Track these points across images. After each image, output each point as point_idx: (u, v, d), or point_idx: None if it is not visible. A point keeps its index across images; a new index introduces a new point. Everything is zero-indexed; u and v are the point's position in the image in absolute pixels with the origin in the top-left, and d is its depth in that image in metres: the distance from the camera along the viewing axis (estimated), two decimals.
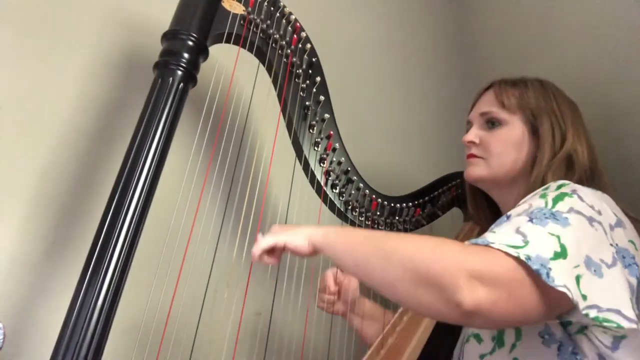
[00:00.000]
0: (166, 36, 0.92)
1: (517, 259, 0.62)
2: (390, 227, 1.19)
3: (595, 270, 0.65)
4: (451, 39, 1.79)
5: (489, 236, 0.66)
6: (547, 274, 0.60)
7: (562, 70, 1.30)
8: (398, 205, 1.19)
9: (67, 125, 1.05)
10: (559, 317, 0.67)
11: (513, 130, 0.93)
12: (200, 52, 0.93)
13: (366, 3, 1.64)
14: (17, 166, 0.99)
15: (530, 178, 0.88)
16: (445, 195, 1.26)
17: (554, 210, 0.69)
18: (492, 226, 0.73)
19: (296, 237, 0.80)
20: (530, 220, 0.67)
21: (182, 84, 0.89)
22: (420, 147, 1.54)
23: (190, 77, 0.91)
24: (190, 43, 0.91)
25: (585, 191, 0.74)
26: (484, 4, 1.66)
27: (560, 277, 0.61)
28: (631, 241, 0.74)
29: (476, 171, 0.96)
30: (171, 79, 0.88)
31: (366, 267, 0.71)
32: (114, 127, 1.09)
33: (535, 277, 0.61)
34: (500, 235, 0.66)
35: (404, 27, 1.71)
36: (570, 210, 0.69)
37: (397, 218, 1.19)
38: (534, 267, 0.61)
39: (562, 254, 0.63)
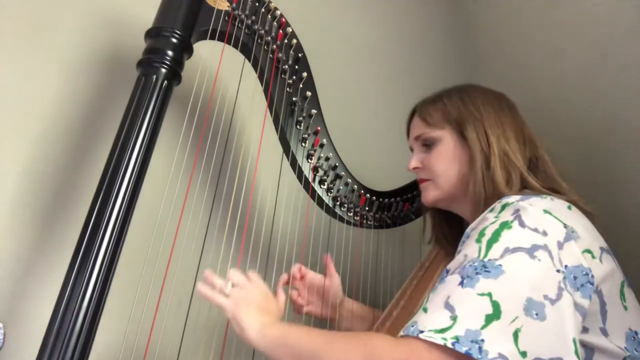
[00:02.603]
0: (150, 33, 0.91)
1: (444, 347, 0.62)
2: (379, 221, 1.18)
3: (537, 314, 0.64)
4: (445, 34, 1.78)
5: (419, 320, 0.67)
6: (480, 349, 0.61)
7: (560, 66, 1.31)
8: (387, 200, 1.19)
9: (51, 122, 1.05)
10: None
11: (446, 145, 0.94)
12: (185, 49, 0.92)
13: (360, 0, 1.64)
14: (2, 164, 0.99)
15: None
16: None
17: (486, 260, 0.68)
18: (432, 290, 0.73)
19: (239, 322, 0.79)
20: (462, 282, 0.68)
21: (166, 82, 0.88)
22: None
23: (175, 75, 0.90)
24: (174, 40, 0.90)
25: (528, 211, 0.73)
26: (482, 4, 1.66)
27: (494, 345, 0.61)
28: (587, 250, 0.72)
29: (429, 195, 0.97)
30: (155, 76, 0.88)
31: None
32: (98, 125, 1.08)
33: (467, 358, 0.61)
34: (430, 316, 0.67)
35: (396, 23, 1.70)
36: (505, 252, 0.69)
37: (385, 213, 1.19)
38: (463, 349, 0.61)
39: (494, 314, 0.63)
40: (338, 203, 1.12)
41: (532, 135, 0.93)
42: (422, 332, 0.64)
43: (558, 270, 0.68)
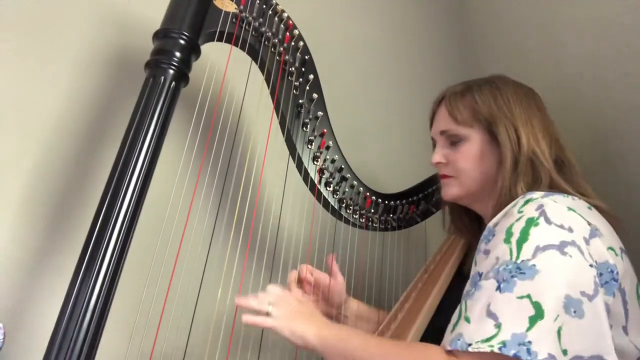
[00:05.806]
0: (158, 35, 0.92)
1: (492, 353, 0.63)
2: (385, 224, 1.19)
3: (575, 312, 0.65)
4: (448, 36, 1.79)
5: (464, 332, 0.67)
6: (528, 351, 0.61)
7: (559, 65, 1.31)
8: (392, 202, 1.19)
9: (59, 124, 1.05)
10: None
11: (474, 144, 0.93)
12: (192, 50, 0.92)
13: (363, 2, 1.64)
14: (9, 165, 0.99)
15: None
16: (439, 192, 1.26)
17: (519, 262, 0.68)
18: (466, 291, 0.74)
19: (296, 333, 0.80)
20: (499, 287, 0.68)
21: (174, 83, 0.88)
22: (415, 144, 1.54)
23: (182, 76, 0.90)
24: (182, 42, 0.90)
25: (552, 207, 0.73)
26: (483, 3, 1.66)
27: (542, 345, 0.62)
28: (610, 248, 0.73)
29: (451, 191, 0.97)
30: (163, 78, 0.88)
31: None
32: (105, 126, 1.09)
33: None
34: (474, 326, 0.67)
35: (400, 25, 1.71)
36: (537, 251, 0.69)
37: (391, 215, 1.19)
38: (511, 353, 0.62)
39: (537, 315, 0.64)
40: (344, 205, 1.12)
41: (558, 136, 0.92)
42: (470, 345, 0.65)
43: (591, 265, 0.68)
